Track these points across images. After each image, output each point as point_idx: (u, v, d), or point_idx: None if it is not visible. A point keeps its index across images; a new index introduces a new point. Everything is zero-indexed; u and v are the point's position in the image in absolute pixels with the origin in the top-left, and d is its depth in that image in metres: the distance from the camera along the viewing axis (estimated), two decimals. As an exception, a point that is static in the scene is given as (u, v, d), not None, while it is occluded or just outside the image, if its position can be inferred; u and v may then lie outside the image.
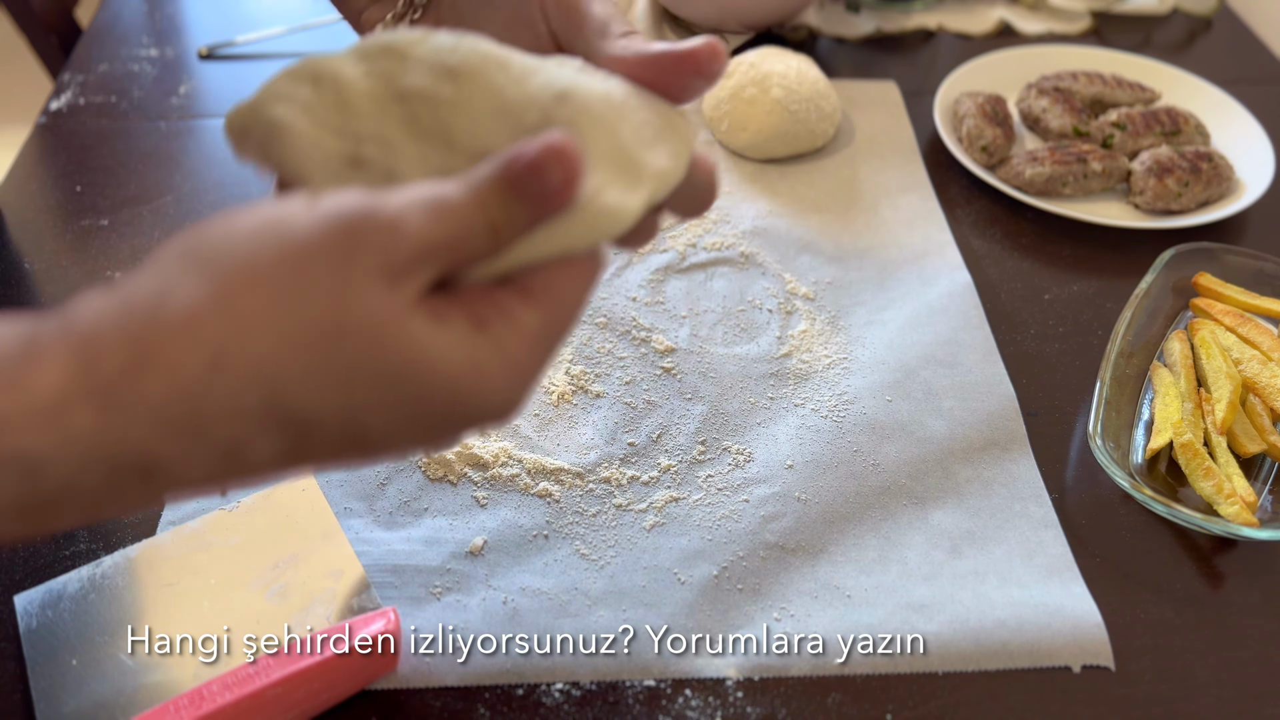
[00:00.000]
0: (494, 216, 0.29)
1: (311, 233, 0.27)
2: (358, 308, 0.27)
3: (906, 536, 0.53)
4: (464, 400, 0.29)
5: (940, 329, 0.65)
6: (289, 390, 0.27)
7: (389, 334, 0.27)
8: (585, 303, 0.32)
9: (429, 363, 0.28)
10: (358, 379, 0.27)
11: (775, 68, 0.78)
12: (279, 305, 0.26)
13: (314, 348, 0.27)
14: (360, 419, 0.28)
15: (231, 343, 0.26)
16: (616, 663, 0.48)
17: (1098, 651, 0.49)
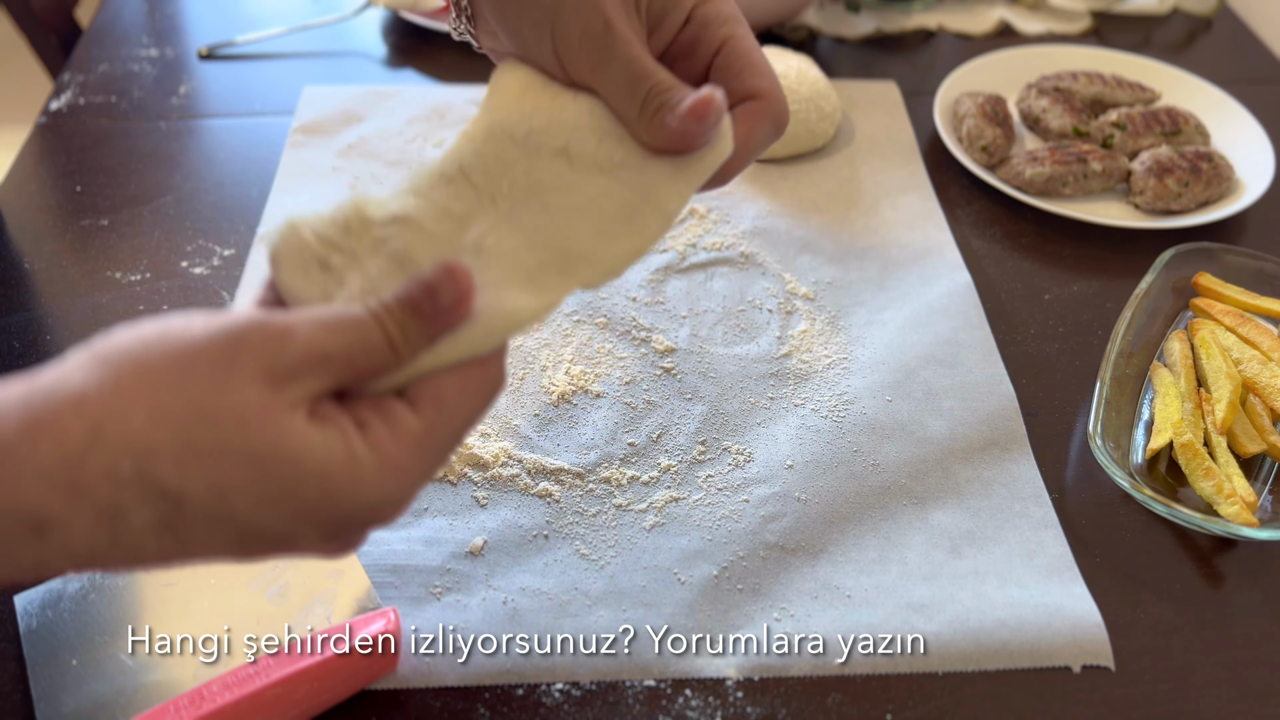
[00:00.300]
0: (391, 331, 0.33)
1: (202, 336, 0.31)
2: (232, 396, 0.30)
3: (906, 536, 0.53)
4: (336, 494, 0.31)
5: (940, 329, 0.65)
6: (159, 463, 0.29)
7: (259, 422, 0.30)
8: (478, 411, 0.35)
9: (299, 453, 0.31)
10: (225, 459, 0.30)
11: (775, 68, 0.78)
12: (158, 391, 0.30)
13: (185, 426, 0.29)
14: (229, 499, 0.30)
15: (111, 418, 0.29)
16: (616, 663, 0.48)
17: (1098, 652, 0.49)
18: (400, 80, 0.88)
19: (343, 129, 0.80)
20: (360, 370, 0.33)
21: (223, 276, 0.68)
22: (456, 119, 0.82)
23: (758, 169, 0.78)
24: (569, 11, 0.41)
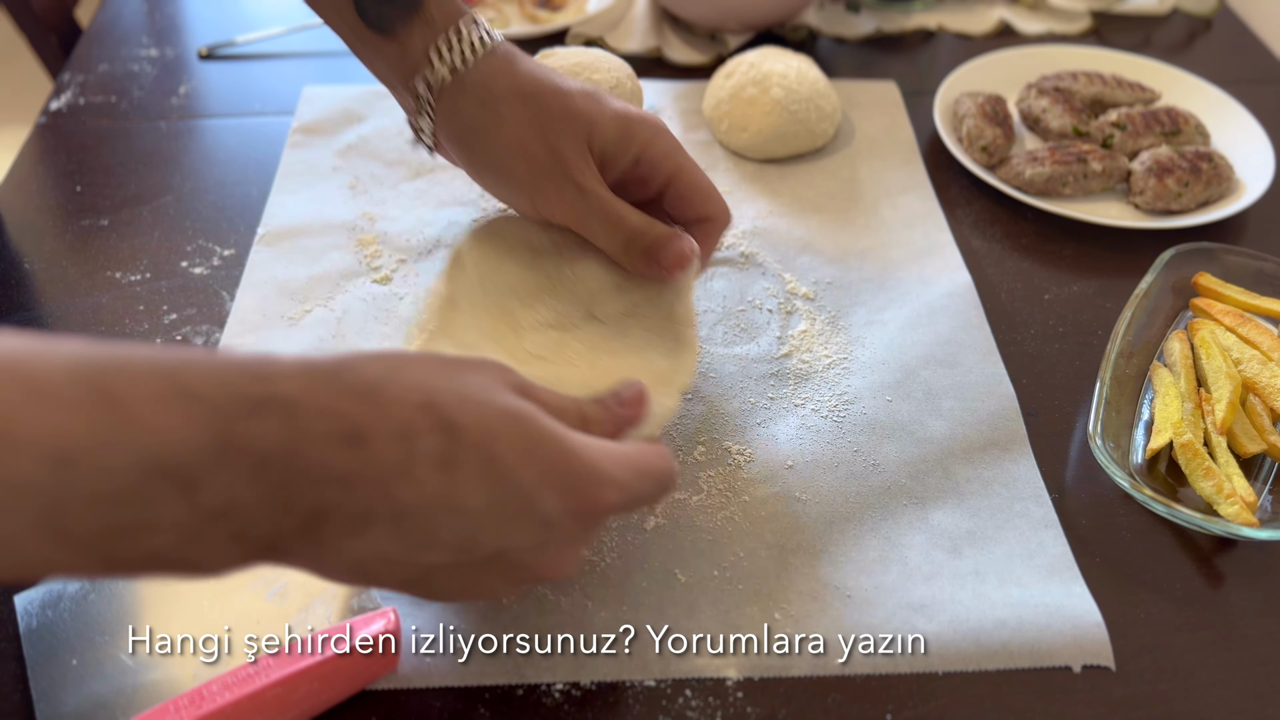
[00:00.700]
0: (588, 420, 0.42)
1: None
2: (496, 389, 0.37)
3: (907, 536, 0.53)
4: (578, 456, 0.37)
5: (940, 329, 0.65)
6: (442, 398, 0.35)
7: (515, 397, 0.37)
8: (657, 475, 0.41)
9: (548, 422, 0.37)
10: (490, 408, 0.36)
11: (775, 68, 0.78)
12: (432, 367, 0.37)
13: (459, 378, 0.36)
14: (493, 439, 0.35)
15: (399, 369, 0.35)
16: (617, 663, 0.48)
17: (1098, 652, 0.49)
18: (400, 80, 0.88)
19: (342, 129, 0.80)
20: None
21: (223, 276, 0.68)
22: (456, 119, 0.82)
23: (758, 169, 0.78)
24: (544, 185, 0.51)
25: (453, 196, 0.75)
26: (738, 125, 0.78)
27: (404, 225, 0.72)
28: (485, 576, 0.38)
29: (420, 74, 0.52)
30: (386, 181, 0.76)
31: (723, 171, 0.78)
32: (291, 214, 0.72)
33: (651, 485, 0.41)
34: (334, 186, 0.75)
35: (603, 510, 0.38)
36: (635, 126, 0.52)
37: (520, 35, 0.90)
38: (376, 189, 0.75)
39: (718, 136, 0.80)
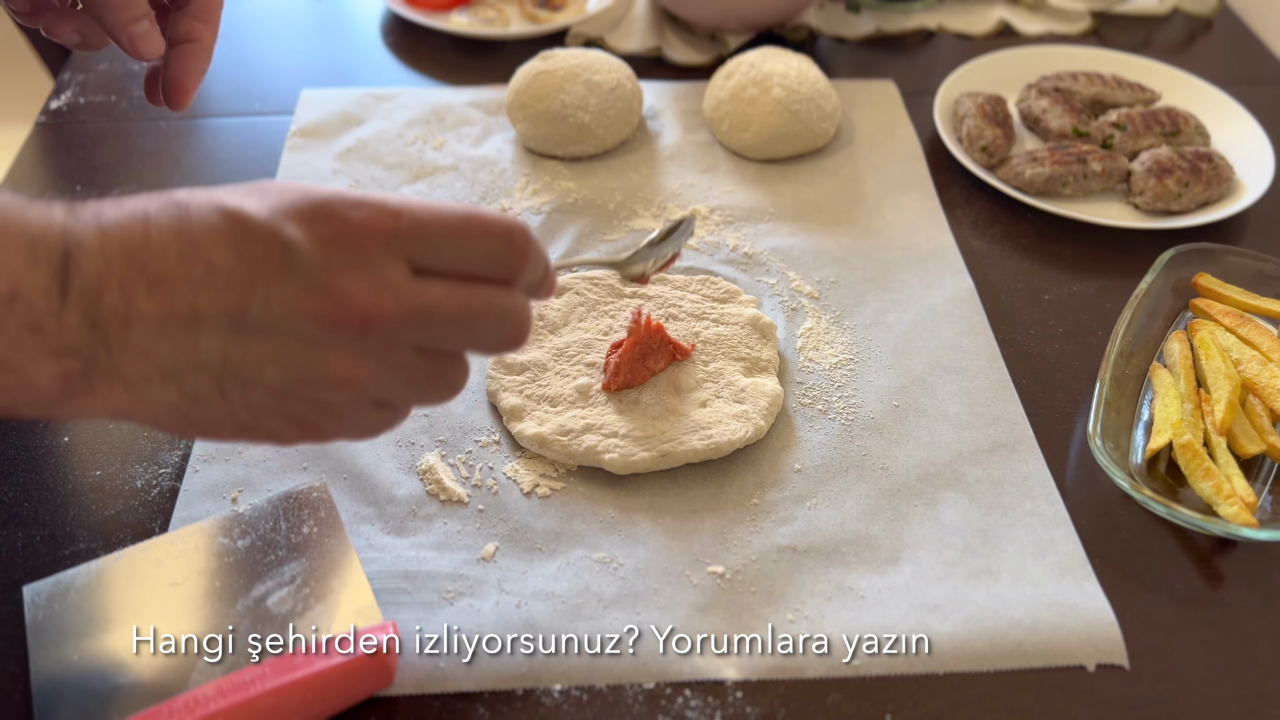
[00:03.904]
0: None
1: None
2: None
3: (918, 537, 0.54)
4: (319, 191, 0.36)
5: (945, 334, 0.65)
6: (176, 193, 0.36)
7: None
8: (458, 210, 0.38)
9: (292, 182, 0.37)
10: (222, 186, 0.37)
11: (776, 68, 0.78)
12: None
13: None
14: (221, 194, 0.36)
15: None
16: (622, 664, 0.48)
17: (1112, 650, 0.49)
18: (400, 80, 0.88)
19: (341, 132, 0.80)
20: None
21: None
22: (456, 120, 0.82)
23: (759, 169, 0.78)
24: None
25: (453, 199, 0.75)
26: (739, 125, 0.78)
27: (405, 225, 0.72)
28: (281, 350, 0.35)
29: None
30: (387, 184, 0.76)
31: (724, 172, 0.78)
32: None
33: (449, 217, 0.37)
34: (334, 187, 0.75)
35: (359, 228, 0.35)
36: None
37: (520, 35, 0.90)
38: (377, 192, 0.75)
39: (718, 137, 0.80)
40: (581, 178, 0.77)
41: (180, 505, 0.54)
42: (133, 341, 0.34)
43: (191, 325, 0.35)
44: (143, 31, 0.50)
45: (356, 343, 0.36)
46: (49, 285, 0.33)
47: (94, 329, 0.34)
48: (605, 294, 0.65)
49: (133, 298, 0.34)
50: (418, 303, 0.36)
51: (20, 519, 0.53)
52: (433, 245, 0.37)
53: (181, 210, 0.35)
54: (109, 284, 0.34)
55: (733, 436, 0.56)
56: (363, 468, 0.56)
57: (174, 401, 0.36)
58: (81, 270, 0.34)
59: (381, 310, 0.35)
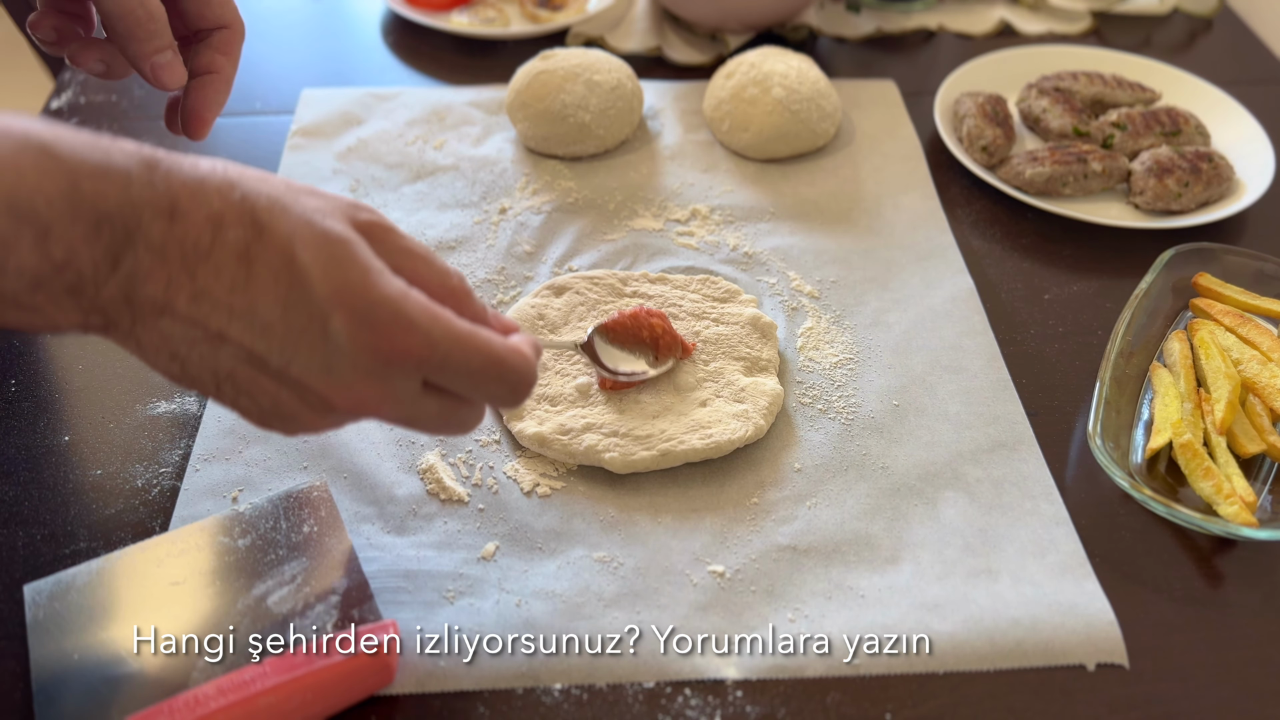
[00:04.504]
0: (457, 294, 0.43)
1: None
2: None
3: (919, 536, 0.54)
4: (378, 296, 0.38)
5: (945, 334, 0.65)
6: (259, 203, 0.37)
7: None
8: (484, 351, 0.40)
9: (366, 259, 0.38)
10: (305, 220, 0.38)
11: (776, 67, 0.78)
12: (278, 179, 0.39)
13: (295, 193, 0.39)
14: (297, 241, 0.37)
15: (237, 172, 0.38)
16: (622, 663, 0.48)
17: (1112, 650, 0.49)
18: (400, 80, 0.88)
19: (342, 132, 0.80)
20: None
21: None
22: (456, 120, 0.82)
23: (760, 169, 0.78)
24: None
25: (454, 199, 0.75)
26: (739, 125, 0.78)
27: (406, 227, 0.72)
28: (283, 394, 0.38)
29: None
30: (388, 184, 0.76)
31: (724, 172, 0.78)
32: None
33: (471, 357, 0.39)
34: (335, 189, 0.75)
35: (397, 351, 0.38)
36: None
37: (521, 35, 0.90)
38: (378, 191, 0.75)
39: (719, 137, 0.80)
40: (582, 177, 0.77)
41: (181, 504, 0.54)
42: (160, 326, 0.36)
43: (215, 340, 0.37)
44: (166, 62, 0.50)
45: (347, 420, 0.40)
46: (101, 260, 0.35)
47: (128, 304, 0.36)
48: (605, 294, 0.65)
49: (174, 297, 0.36)
50: (412, 413, 0.40)
51: (21, 518, 0.53)
52: (451, 378, 0.40)
53: (253, 233, 0.36)
54: (157, 276, 0.35)
55: (733, 436, 0.56)
56: (363, 467, 0.56)
57: (173, 371, 0.38)
58: (137, 256, 0.35)
59: (381, 413, 0.40)
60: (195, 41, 0.54)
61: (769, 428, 0.58)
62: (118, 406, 0.59)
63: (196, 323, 0.36)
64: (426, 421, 0.41)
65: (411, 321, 0.38)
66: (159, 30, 0.50)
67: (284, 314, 0.37)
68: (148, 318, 0.36)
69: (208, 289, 0.36)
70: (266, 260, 0.36)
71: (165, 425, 0.58)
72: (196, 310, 0.36)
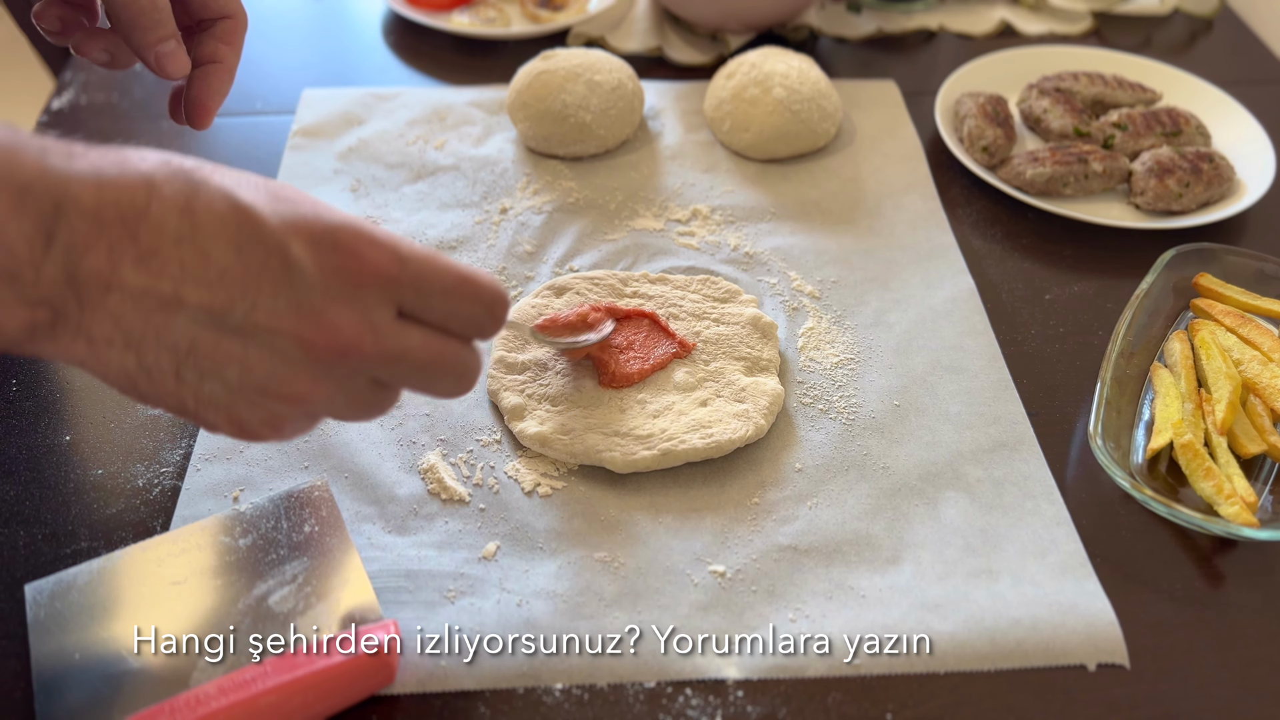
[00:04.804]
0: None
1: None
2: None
3: (919, 536, 0.54)
4: (336, 216, 0.37)
5: (945, 334, 0.65)
6: (186, 163, 0.36)
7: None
8: (454, 268, 0.39)
9: (310, 196, 0.38)
10: (237, 171, 0.36)
11: (777, 68, 0.78)
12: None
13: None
14: (237, 184, 0.36)
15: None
16: (623, 663, 0.48)
17: (1112, 650, 0.49)
18: (400, 80, 0.88)
19: (342, 132, 0.80)
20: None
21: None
22: (457, 120, 0.82)
23: (760, 169, 0.78)
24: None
25: (455, 198, 0.75)
26: (740, 125, 0.78)
27: (407, 227, 0.72)
28: (251, 354, 0.36)
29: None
30: (388, 184, 0.76)
31: (725, 172, 0.78)
32: None
33: (443, 274, 0.38)
34: (336, 189, 0.75)
35: (367, 269, 0.36)
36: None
37: (521, 35, 0.90)
38: (379, 191, 0.75)
39: (719, 137, 0.80)
40: (583, 177, 0.77)
41: (182, 504, 0.54)
42: (107, 305, 0.34)
43: (170, 306, 0.35)
44: (169, 52, 0.50)
45: (325, 369, 0.37)
46: (33, 235, 0.32)
47: (70, 284, 0.33)
48: (605, 294, 0.65)
49: (118, 264, 0.34)
50: (395, 347, 0.38)
51: (22, 517, 0.54)
52: (425, 299, 0.38)
53: (190, 188, 0.35)
54: (97, 245, 0.33)
55: (734, 435, 0.56)
56: (364, 467, 0.56)
57: (129, 369, 0.36)
58: (71, 225, 0.33)
59: (360, 347, 0.37)
60: (198, 31, 0.54)
61: (770, 428, 0.58)
62: (119, 406, 0.59)
63: (147, 291, 0.34)
64: (415, 360, 0.38)
65: (376, 238, 0.37)
66: (163, 19, 0.50)
67: (238, 255, 0.35)
68: (94, 297, 0.34)
69: (154, 248, 0.34)
70: (210, 208, 0.35)
71: (166, 425, 0.58)
72: (145, 275, 0.34)
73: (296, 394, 0.37)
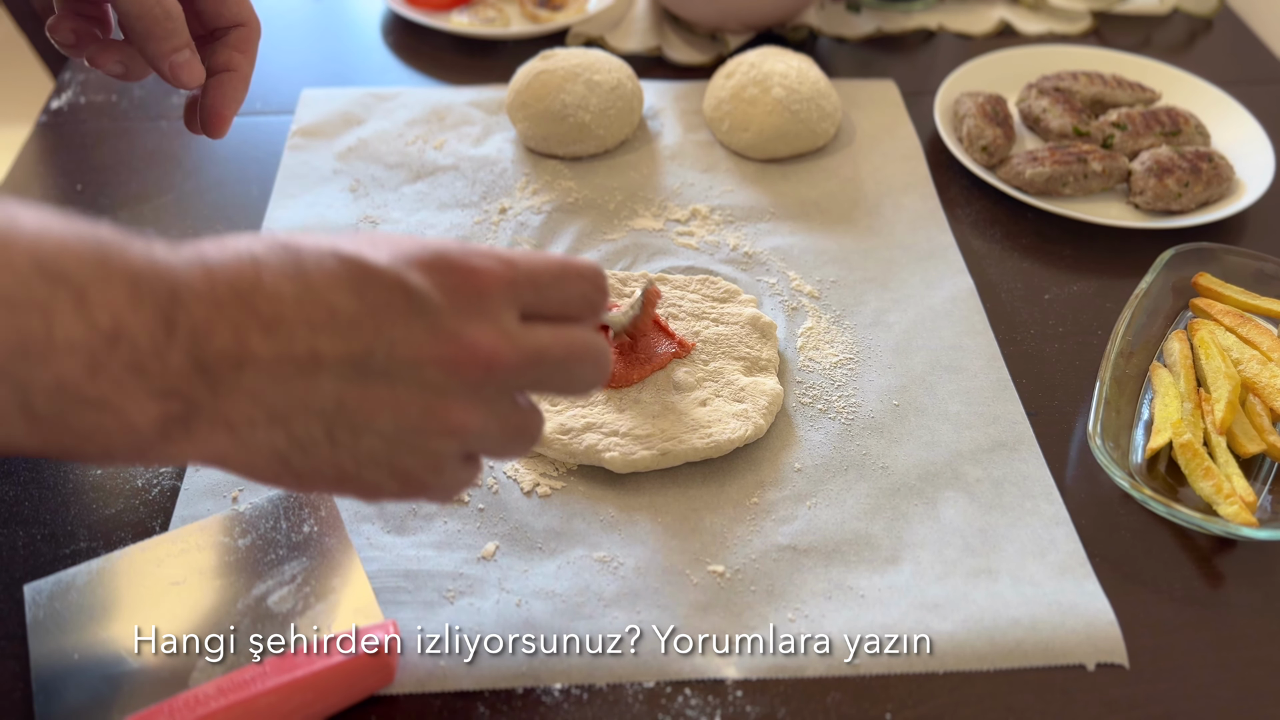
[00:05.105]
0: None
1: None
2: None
3: (919, 536, 0.54)
4: (436, 243, 0.37)
5: (945, 334, 0.65)
6: (276, 233, 0.36)
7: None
8: (556, 260, 0.40)
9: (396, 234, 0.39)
10: (324, 229, 0.35)
11: (776, 67, 0.78)
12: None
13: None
14: (334, 238, 0.36)
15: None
16: (623, 663, 0.48)
17: (1112, 649, 0.49)
18: (400, 80, 0.88)
19: (342, 132, 0.80)
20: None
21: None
22: (456, 120, 0.82)
23: (760, 169, 0.78)
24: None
25: (454, 199, 0.75)
26: (739, 125, 0.78)
27: (406, 227, 0.72)
28: (400, 394, 0.35)
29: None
30: (388, 184, 0.76)
31: (724, 171, 0.78)
32: (293, 217, 0.72)
33: (547, 264, 0.38)
34: (335, 189, 0.75)
35: (485, 280, 0.36)
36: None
37: (521, 35, 0.90)
38: (378, 191, 0.75)
39: (719, 137, 0.80)
40: (582, 177, 0.77)
41: (181, 504, 0.54)
42: (243, 384, 0.34)
43: (309, 368, 0.34)
44: (184, 61, 0.50)
45: (474, 390, 0.37)
46: (154, 325, 0.32)
47: (200, 370, 0.33)
48: None
49: (245, 339, 0.33)
50: (531, 348, 0.37)
51: (21, 517, 0.53)
52: (541, 292, 0.38)
53: (293, 254, 0.35)
54: (219, 325, 0.33)
55: (733, 435, 0.56)
56: (363, 467, 0.56)
57: (279, 447, 0.35)
58: (189, 310, 0.33)
59: (501, 356, 0.36)
60: (212, 40, 0.54)
61: (769, 427, 0.58)
62: (118, 406, 0.59)
63: (282, 358, 0.34)
64: (553, 355, 0.38)
65: (481, 250, 0.37)
66: (177, 29, 0.50)
67: (361, 299, 0.35)
68: (228, 379, 0.34)
69: (277, 315, 0.34)
70: (319, 264, 0.35)
71: (165, 425, 0.58)
72: (276, 342, 0.34)
73: (451, 425, 0.37)
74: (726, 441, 0.56)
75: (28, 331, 0.30)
